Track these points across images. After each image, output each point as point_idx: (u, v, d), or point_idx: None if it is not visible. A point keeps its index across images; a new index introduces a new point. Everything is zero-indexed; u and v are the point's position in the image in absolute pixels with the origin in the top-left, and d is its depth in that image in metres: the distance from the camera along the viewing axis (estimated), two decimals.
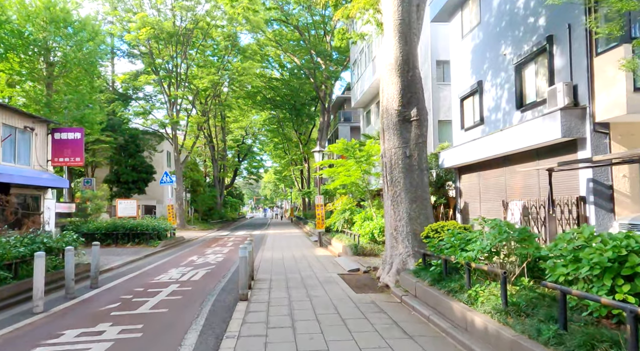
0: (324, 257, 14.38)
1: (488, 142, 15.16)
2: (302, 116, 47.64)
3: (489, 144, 14.93)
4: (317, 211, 18.32)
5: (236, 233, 29.15)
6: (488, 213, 17.45)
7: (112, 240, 19.36)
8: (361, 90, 33.54)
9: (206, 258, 14.70)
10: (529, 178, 13.49)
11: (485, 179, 17.90)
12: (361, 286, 8.95)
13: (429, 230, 8.25)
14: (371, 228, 14.19)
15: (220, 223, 40.18)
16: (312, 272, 11.00)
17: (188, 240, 23.00)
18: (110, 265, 12.82)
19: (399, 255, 8.92)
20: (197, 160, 58.40)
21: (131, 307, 7.29)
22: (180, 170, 33.85)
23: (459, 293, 5.95)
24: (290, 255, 14.90)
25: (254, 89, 44.19)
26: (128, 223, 19.46)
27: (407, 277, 7.85)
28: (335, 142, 40.60)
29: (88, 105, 23.53)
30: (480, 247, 5.86)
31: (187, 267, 12.40)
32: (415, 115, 9.06)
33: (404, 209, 9.01)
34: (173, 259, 14.72)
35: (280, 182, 78.10)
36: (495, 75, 15.71)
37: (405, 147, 9.06)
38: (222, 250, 17.31)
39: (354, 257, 13.36)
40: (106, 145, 31.33)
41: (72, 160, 19.52)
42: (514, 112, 14.44)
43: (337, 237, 17.23)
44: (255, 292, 8.41)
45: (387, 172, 9.33)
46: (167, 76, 32.67)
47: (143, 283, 9.84)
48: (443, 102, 23.67)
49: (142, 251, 16.85)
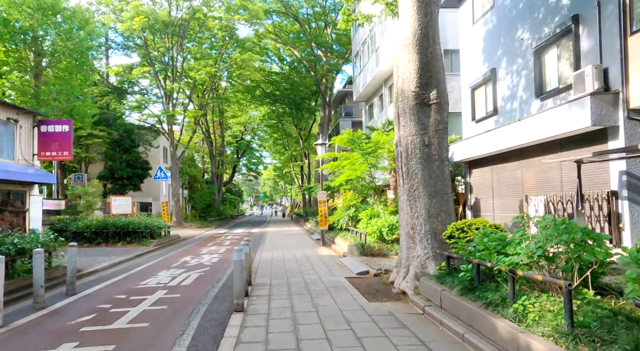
0: (328, 257, 13.30)
1: (503, 133, 14.10)
2: (302, 111, 46.46)
3: (504, 136, 13.89)
4: (319, 208, 17.23)
5: (234, 231, 28.06)
6: (502, 211, 16.38)
7: (102, 239, 18.26)
8: (364, 83, 32.44)
9: (200, 258, 13.61)
10: (549, 171, 12.43)
11: (499, 173, 16.85)
12: (373, 293, 7.86)
13: (453, 229, 7.15)
14: (379, 226, 13.10)
15: (218, 221, 39.08)
16: (316, 275, 9.91)
17: (183, 239, 21.90)
18: (95, 266, 11.73)
19: (416, 258, 7.83)
20: (195, 156, 57.29)
21: (107, 320, 6.19)
22: (176, 165, 32.73)
23: (501, 307, 4.85)
24: (291, 255, 13.82)
25: (253, 83, 43.02)
26: (119, 221, 18.35)
27: (429, 284, 6.76)
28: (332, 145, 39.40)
29: (78, 97, 22.34)
30: (528, 251, 4.76)
31: (178, 269, 11.30)
32: (435, 98, 7.95)
33: (422, 205, 7.92)
34: (165, 260, 13.62)
35: (279, 179, 76.96)
36: (511, 61, 14.62)
37: (424, 134, 7.95)
38: (218, 250, 16.22)
39: (361, 258, 12.28)
40: (99, 139, 30.22)
41: (59, 155, 18.38)
42: (532, 101, 13.36)
43: (342, 235, 16.14)
44: (253, 301, 7.32)
45: (402, 163, 8.22)
46: (162, 69, 31.51)
47: (127, 288, 8.75)
48: (451, 93, 22.37)
49: (133, 251, 15.76)
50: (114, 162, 32.83)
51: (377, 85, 30.13)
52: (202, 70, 29.78)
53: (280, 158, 59.87)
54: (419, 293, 7.09)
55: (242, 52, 32.93)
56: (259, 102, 47.05)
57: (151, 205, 36.76)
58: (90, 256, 14.11)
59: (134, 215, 25.19)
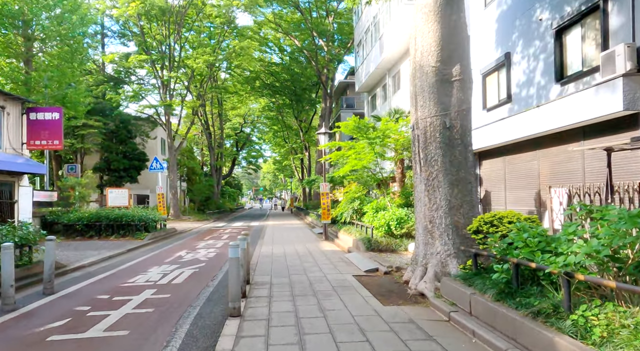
0: (332, 253, 12.42)
1: (517, 121, 13.22)
2: (303, 102, 45.43)
3: (519, 124, 13.02)
4: (322, 200, 16.35)
5: (233, 225, 27.19)
6: (515, 204, 15.52)
7: (95, 232, 17.41)
8: (366, 73, 31.44)
9: (196, 253, 12.74)
10: (570, 161, 11.55)
11: (513, 164, 15.97)
12: (387, 294, 6.97)
13: (480, 223, 6.25)
14: (387, 219, 12.21)
15: (217, 214, 38.22)
16: (321, 273, 9.03)
17: (180, 232, 21.03)
18: (82, 261, 10.85)
19: (436, 255, 6.94)
20: (194, 148, 56.31)
21: (81, 327, 5.32)
22: (174, 157, 31.79)
23: (555, 318, 3.97)
24: (292, 250, 12.94)
25: (253, 74, 41.97)
26: (112, 213, 17.47)
27: (453, 285, 5.87)
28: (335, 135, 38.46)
29: (71, 84, 21.36)
30: (589, 249, 3.87)
31: (171, 265, 10.42)
32: (458, 74, 7.03)
33: (442, 195, 7.01)
34: (158, 254, 12.75)
35: (279, 173, 75.99)
36: (528, 44, 13.69)
37: (445, 116, 7.03)
38: (215, 244, 15.35)
39: (368, 253, 11.40)
40: (94, 130, 29.27)
41: (50, 143, 17.44)
42: (551, 86, 12.45)
43: (346, 229, 15.27)
44: (252, 303, 6.44)
45: (419, 148, 7.31)
46: (159, 58, 30.47)
47: (112, 287, 7.87)
48: None
49: (126, 244, 14.89)
50: (110, 153, 31.90)
51: (381, 74, 29.16)
52: (200, 59, 28.75)
53: (280, 151, 58.90)
54: (441, 296, 6.20)
55: (241, 40, 31.87)
56: (259, 94, 46.02)
57: (148, 198, 35.88)
58: (79, 250, 13.24)
59: (130, 207, 24.39)
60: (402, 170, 15.91)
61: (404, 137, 14.10)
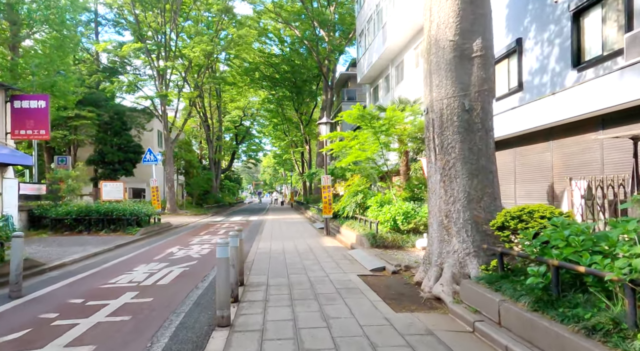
0: (334, 249, 11.62)
1: (529, 111, 12.46)
2: (303, 94, 44.48)
3: (531, 114, 12.28)
4: (323, 194, 15.52)
5: (231, 219, 26.39)
6: (527, 197, 14.77)
7: (85, 226, 16.61)
8: (369, 63, 30.54)
9: (189, 250, 11.93)
10: (587, 152, 10.80)
11: (523, 156, 15.19)
12: (398, 298, 6.17)
13: (506, 218, 5.43)
14: (393, 213, 11.39)
15: (215, 208, 37.42)
16: (322, 272, 8.23)
17: (175, 227, 20.24)
18: (64, 259, 10.05)
19: (452, 253, 6.13)
20: (192, 141, 55.41)
21: (40, 340, 4.51)
22: (170, 149, 30.95)
23: (616, 336, 3.17)
24: (292, 247, 12.15)
25: (252, 65, 41.01)
26: (102, 207, 16.67)
27: (476, 289, 5.07)
28: (337, 125, 37.37)
29: (59, 71, 20.47)
30: None
31: (160, 263, 9.62)
32: (480, 49, 6.18)
33: (460, 187, 6.20)
34: (148, 251, 11.95)
35: (279, 167, 75.15)
36: (541, 29, 12.86)
37: (464, 97, 6.19)
38: (210, 240, 14.56)
39: (373, 250, 10.61)
40: (87, 121, 28.40)
41: (35, 133, 16.59)
42: (567, 72, 11.64)
43: (348, 224, 14.46)
44: (244, 309, 5.63)
45: (434, 134, 6.48)
46: (155, 48, 29.54)
47: (90, 289, 7.07)
48: None
49: (116, 240, 14.10)
50: (104, 146, 31.03)
51: (383, 65, 28.26)
52: (197, 48, 27.81)
53: (280, 145, 58.00)
54: (461, 301, 5.40)
55: (239, 28, 30.89)
56: (258, 86, 45.08)
57: (144, 191, 35.07)
58: (64, 246, 12.45)
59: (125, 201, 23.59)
60: (406, 162, 15.09)
61: (409, 127, 13.27)
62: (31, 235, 15.77)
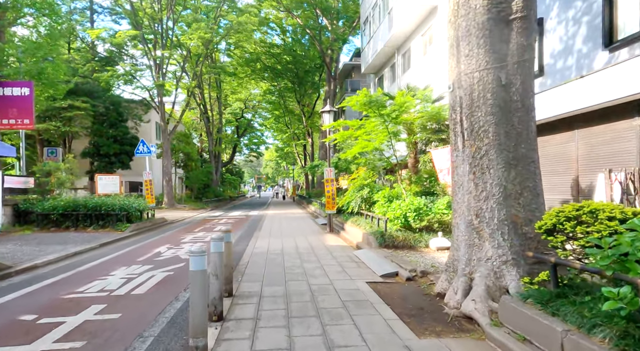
0: (339, 249, 10.51)
1: (552, 97, 11.29)
2: (306, 85, 43.21)
3: (554, 100, 11.12)
4: (326, 188, 14.40)
5: (230, 214, 25.31)
6: (548, 192, 13.59)
7: (72, 222, 15.56)
8: (374, 52, 29.28)
9: (179, 249, 10.84)
10: (620, 142, 9.64)
11: (544, 147, 14.00)
12: (417, 315, 5.05)
13: (559, 218, 4.28)
14: (403, 209, 10.25)
15: (215, 203, 36.36)
16: (326, 278, 7.12)
17: (170, 222, 19.17)
18: (37, 260, 8.97)
19: (485, 261, 5.00)
20: (193, 134, 54.27)
21: None
22: (168, 141, 29.83)
23: None
24: (292, 246, 11.04)
25: (253, 56, 39.75)
26: (90, 201, 15.59)
27: (523, 310, 3.94)
28: (341, 116, 36.19)
29: (48, 58, 19.33)
30: None
31: (143, 265, 8.53)
32: (521, 9, 5.00)
33: (494, 179, 5.06)
34: (133, 251, 10.86)
35: (282, 160, 73.98)
36: (566, 6, 11.63)
37: (499, 69, 5.03)
38: (204, 238, 13.48)
39: (382, 251, 9.49)
40: (81, 112, 27.27)
41: (19, 122, 15.53)
42: (596, 53, 10.44)
43: (353, 220, 13.35)
44: (228, 330, 4.52)
45: (461, 115, 5.33)
46: (151, 36, 28.33)
47: (51, 299, 5.98)
48: None
49: (102, 237, 13.05)
50: (99, 138, 29.96)
51: (389, 53, 27.01)
52: (194, 35, 26.59)
53: (282, 138, 56.79)
54: (500, 324, 4.27)
55: (239, 15, 29.63)
56: (259, 77, 43.83)
57: (142, 185, 34.02)
58: (43, 244, 11.38)
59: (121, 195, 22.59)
60: (415, 154, 13.94)
61: (419, 115, 12.08)
62: (15, 231, 14.75)
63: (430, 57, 21.31)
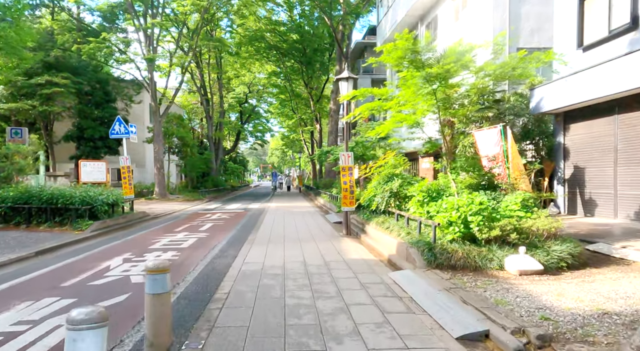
0: (365, 267, 7.25)
1: None
2: (314, 66, 39.58)
3: None
4: (342, 178, 11.11)
5: (227, 208, 22.09)
6: (635, 186, 10.31)
7: (23, 218, 12.47)
8: (392, 24, 25.80)
9: (137, 263, 7.62)
10: None
11: (630, 126, 10.74)
12: None
13: None
14: (464, 211, 6.95)
15: (214, 193, 33.22)
16: (357, 338, 3.89)
17: (152, 218, 15.99)
18: None
19: None
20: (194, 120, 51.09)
21: None
22: (159, 124, 26.60)
23: None
24: (298, 261, 7.79)
25: (257, 34, 36.19)
26: (43, 193, 12.44)
27: None
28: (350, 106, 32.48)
29: (5, 19, 16.08)
30: None
31: (60, 300, 5.34)
32: None
33: None
34: (75, 264, 7.68)
35: (287, 149, 70.50)
36: None
37: None
38: (186, 240, 10.30)
39: (433, 274, 6.24)
40: (61, 89, 24.07)
41: None
42: None
43: (379, 221, 10.06)
44: None
45: None
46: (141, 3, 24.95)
47: None
48: (525, 22, 16.06)
49: (50, 239, 9.95)
50: (83, 119, 26.82)
51: (411, 24, 23.49)
52: (188, 1, 23.19)
53: (288, 124, 53.27)
54: None
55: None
56: (264, 57, 40.26)
57: (132, 173, 30.95)
58: None
59: (108, 184, 19.51)
60: (452, 135, 10.62)
61: (478, 81, 8.73)
62: None
63: (464, 23, 17.82)
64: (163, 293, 2.87)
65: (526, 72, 8.21)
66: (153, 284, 2.79)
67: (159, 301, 2.72)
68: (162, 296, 2.81)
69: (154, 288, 2.80)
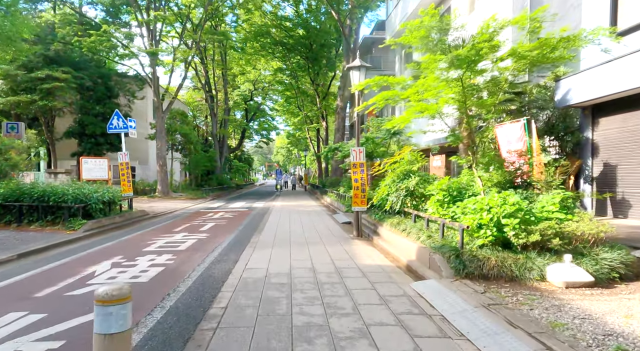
0: (382, 275, 6.39)
1: None
2: (320, 62, 38.68)
3: None
4: (353, 176, 10.25)
5: (230, 206, 21.28)
6: None
7: (14, 216, 11.73)
8: (403, 15, 24.87)
9: (127, 268, 6.81)
10: None
11: None
12: None
13: None
14: (496, 213, 6.08)
15: (217, 191, 32.46)
16: None
17: (151, 217, 15.21)
18: None
19: None
20: (199, 117, 50.46)
21: None
22: (162, 120, 25.83)
23: None
24: (306, 267, 6.93)
25: (263, 29, 35.38)
26: (35, 190, 11.69)
27: None
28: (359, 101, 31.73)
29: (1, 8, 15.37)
30: None
31: (26, 316, 4.55)
32: None
33: None
34: (59, 268, 6.89)
35: (293, 147, 69.63)
36: None
37: None
38: (184, 241, 9.49)
39: (463, 285, 5.37)
40: (61, 83, 23.38)
41: None
42: None
43: (393, 223, 9.19)
44: None
45: None
46: None
47: None
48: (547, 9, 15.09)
49: (39, 240, 9.18)
50: (85, 115, 26.13)
51: None
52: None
53: (294, 121, 52.40)
54: None
55: None
56: (269, 53, 39.41)
57: (134, 170, 30.30)
58: None
59: (110, 181, 18.83)
60: (470, 131, 9.69)
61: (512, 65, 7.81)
62: None
63: (480, 13, 16.88)
64: (120, 332, 2.00)
65: (565, 55, 7.30)
66: (105, 320, 1.90)
67: (113, 345, 1.87)
68: (118, 337, 1.93)
69: (106, 326, 1.91)
